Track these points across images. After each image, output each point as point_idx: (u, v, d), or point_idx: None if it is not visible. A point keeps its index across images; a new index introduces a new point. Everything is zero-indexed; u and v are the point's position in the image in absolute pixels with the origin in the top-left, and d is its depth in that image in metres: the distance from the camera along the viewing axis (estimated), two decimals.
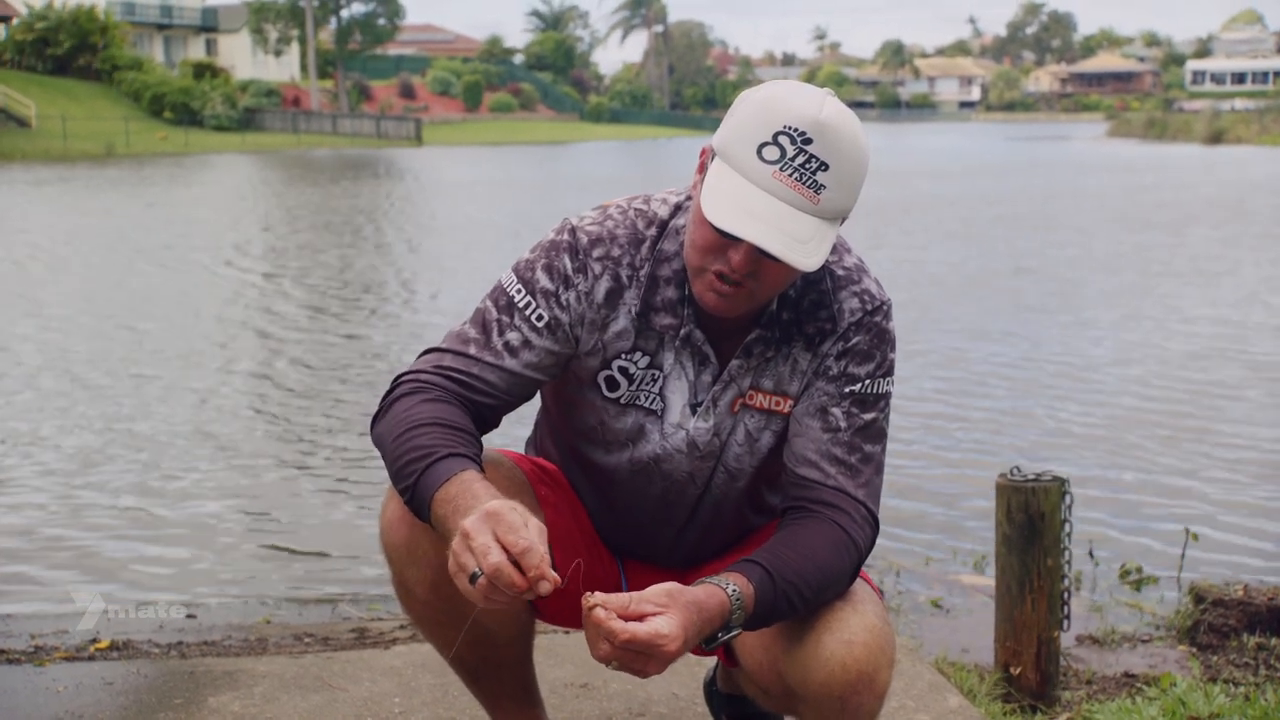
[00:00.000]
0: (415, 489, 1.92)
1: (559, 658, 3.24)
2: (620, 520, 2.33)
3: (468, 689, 2.47)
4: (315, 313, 12.24)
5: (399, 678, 3.17)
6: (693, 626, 1.82)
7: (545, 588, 1.73)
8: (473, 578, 1.75)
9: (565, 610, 2.25)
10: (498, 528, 1.75)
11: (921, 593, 4.98)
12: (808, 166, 1.90)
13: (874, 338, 2.14)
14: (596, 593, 1.78)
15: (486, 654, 2.32)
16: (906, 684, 3.12)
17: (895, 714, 2.95)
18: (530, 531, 1.75)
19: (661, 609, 1.80)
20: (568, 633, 3.20)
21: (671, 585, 1.86)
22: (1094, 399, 8.57)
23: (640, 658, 1.79)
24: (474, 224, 21.15)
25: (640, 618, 1.79)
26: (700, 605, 1.85)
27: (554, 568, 1.74)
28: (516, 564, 1.74)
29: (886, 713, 2.87)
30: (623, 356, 2.15)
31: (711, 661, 2.83)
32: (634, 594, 1.81)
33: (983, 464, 6.91)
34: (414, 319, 12.07)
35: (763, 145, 1.90)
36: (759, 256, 1.93)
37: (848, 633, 2.01)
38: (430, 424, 1.97)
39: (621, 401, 2.17)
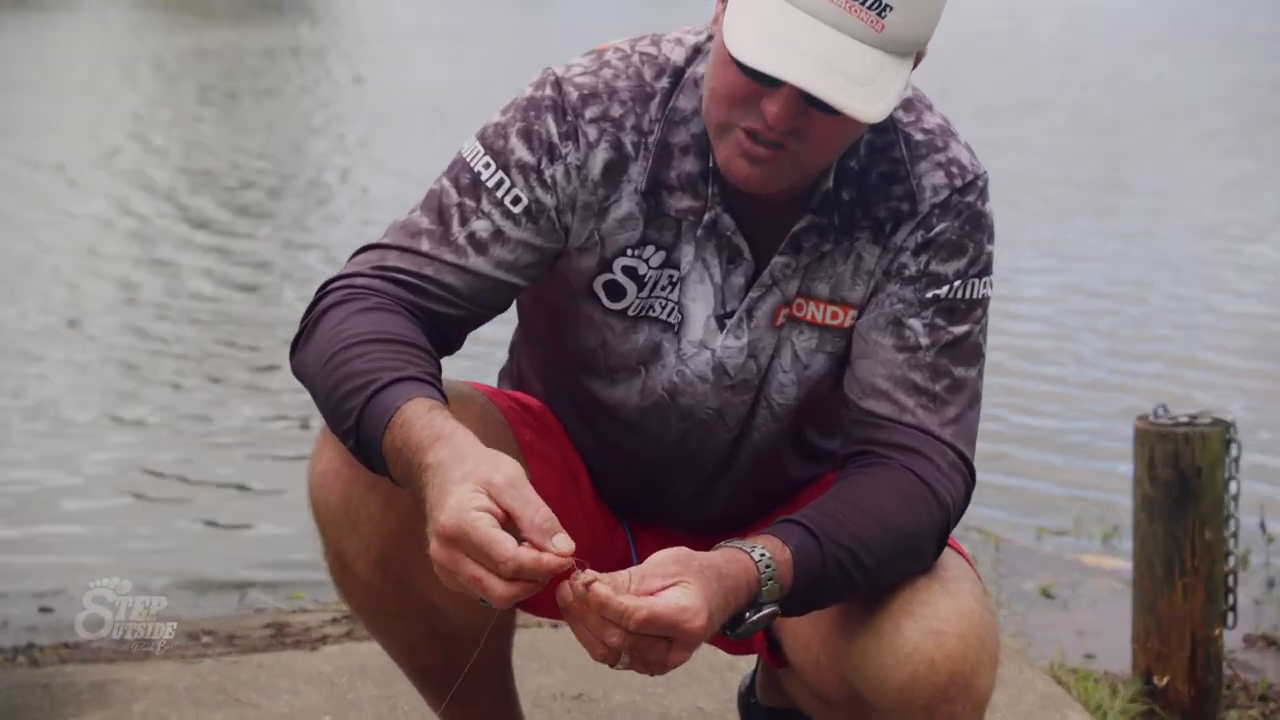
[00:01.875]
0: (358, 431, 1.89)
1: (545, 660, 3.26)
2: (629, 474, 2.33)
3: (425, 702, 2.48)
4: (210, 224, 12.23)
5: (330, 688, 3.18)
6: (715, 598, 1.80)
7: (570, 594, 1.73)
8: (481, 600, 1.73)
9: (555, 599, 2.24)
10: (472, 553, 1.70)
11: (1030, 575, 4.99)
12: None
13: (966, 223, 2.12)
14: (589, 569, 1.75)
15: (453, 654, 2.27)
16: (1012, 696, 3.13)
17: None
18: (507, 543, 1.69)
19: (673, 579, 1.78)
20: (555, 626, 3.22)
21: (679, 550, 1.84)
22: (1246, 330, 8.50)
23: (659, 645, 1.77)
24: (419, 90, 21.05)
25: (650, 595, 1.76)
26: (720, 572, 1.83)
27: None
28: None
29: None
30: (628, 253, 2.13)
31: (749, 665, 2.84)
32: (633, 569, 1.79)
33: (1112, 404, 6.90)
34: (337, 222, 12.00)
35: None
36: (804, 105, 1.90)
37: (937, 620, 1.99)
38: (369, 340, 1.93)
39: (630, 313, 2.16)
